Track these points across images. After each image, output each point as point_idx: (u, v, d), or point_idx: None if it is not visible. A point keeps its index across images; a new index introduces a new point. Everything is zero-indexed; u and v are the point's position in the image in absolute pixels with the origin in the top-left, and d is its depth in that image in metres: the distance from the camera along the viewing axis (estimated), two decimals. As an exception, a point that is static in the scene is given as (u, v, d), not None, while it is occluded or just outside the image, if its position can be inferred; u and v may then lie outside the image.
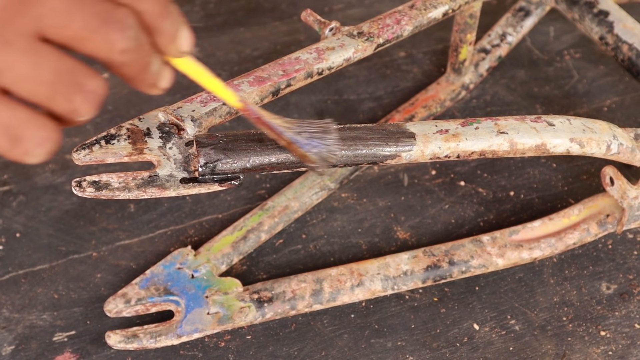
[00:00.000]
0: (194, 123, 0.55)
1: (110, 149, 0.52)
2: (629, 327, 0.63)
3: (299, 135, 0.49)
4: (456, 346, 0.61)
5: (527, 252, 0.65)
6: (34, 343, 0.60)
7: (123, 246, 0.67)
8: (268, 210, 0.68)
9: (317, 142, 0.49)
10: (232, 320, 0.60)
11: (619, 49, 0.72)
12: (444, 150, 0.54)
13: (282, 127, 0.49)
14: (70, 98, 0.38)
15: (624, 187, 0.63)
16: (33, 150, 0.39)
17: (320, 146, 0.49)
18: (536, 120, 0.57)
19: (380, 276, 0.63)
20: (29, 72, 0.37)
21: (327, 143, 0.50)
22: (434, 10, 0.67)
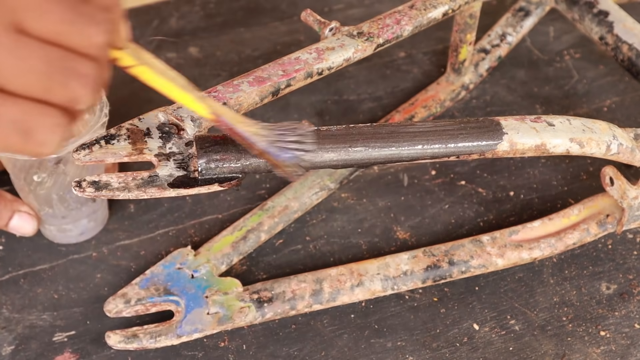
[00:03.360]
0: (193, 123, 0.55)
1: (110, 149, 0.52)
2: (629, 327, 0.63)
3: (272, 144, 0.48)
4: (456, 346, 0.61)
5: (526, 252, 0.65)
6: (33, 343, 0.60)
7: (123, 246, 0.67)
8: (268, 210, 0.68)
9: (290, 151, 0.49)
10: (232, 320, 0.60)
11: (619, 49, 0.72)
12: None
13: (255, 137, 0.48)
14: (66, 85, 0.38)
15: (623, 187, 0.63)
16: (47, 139, 0.39)
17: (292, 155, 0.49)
18: (536, 120, 0.57)
19: (380, 276, 0.63)
20: (18, 65, 0.37)
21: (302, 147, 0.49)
22: (434, 10, 0.67)
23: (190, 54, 0.85)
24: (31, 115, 0.38)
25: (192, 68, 0.84)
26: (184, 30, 0.88)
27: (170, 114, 0.55)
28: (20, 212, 0.63)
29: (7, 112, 0.37)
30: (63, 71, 0.38)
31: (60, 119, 0.39)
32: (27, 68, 0.37)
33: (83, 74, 0.38)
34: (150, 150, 0.53)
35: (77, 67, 0.38)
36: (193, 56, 0.85)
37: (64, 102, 0.39)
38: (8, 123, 0.37)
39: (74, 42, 0.38)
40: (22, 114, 0.38)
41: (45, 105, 0.38)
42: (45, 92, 0.38)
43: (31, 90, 0.37)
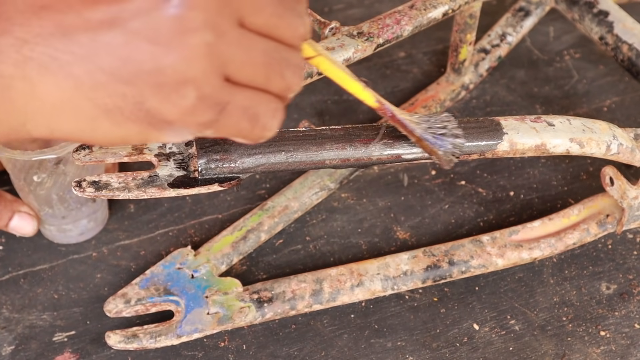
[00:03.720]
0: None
1: (110, 149, 0.53)
2: (629, 327, 0.63)
3: (427, 132, 0.51)
4: (456, 346, 0.61)
5: (526, 252, 0.65)
6: (33, 343, 0.60)
7: (123, 246, 0.67)
8: (268, 210, 0.68)
9: (444, 139, 0.52)
10: (232, 320, 0.60)
11: (619, 49, 0.72)
12: None
13: (414, 125, 0.51)
14: (283, 75, 0.41)
15: (623, 187, 0.63)
16: (269, 124, 0.42)
17: (447, 143, 0.52)
18: (536, 120, 0.57)
19: (380, 276, 0.63)
20: (246, 57, 0.39)
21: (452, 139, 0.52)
22: (434, 10, 0.67)
23: (190, 54, 0.85)
24: (258, 102, 0.41)
25: (192, 68, 0.84)
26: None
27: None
28: (20, 212, 0.63)
29: (238, 100, 0.40)
30: (279, 62, 0.41)
31: (279, 105, 0.42)
32: (252, 60, 0.39)
33: (294, 64, 0.42)
34: (150, 150, 0.53)
35: (289, 58, 0.41)
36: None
37: (280, 90, 0.41)
38: (239, 110, 0.40)
39: (285, 34, 0.41)
40: (251, 102, 0.40)
41: (266, 93, 0.41)
42: (266, 82, 0.41)
43: (256, 80, 0.40)
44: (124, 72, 0.37)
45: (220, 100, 0.39)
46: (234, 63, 0.39)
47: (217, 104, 0.39)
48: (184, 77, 0.37)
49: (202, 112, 0.39)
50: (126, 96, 0.38)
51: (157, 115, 0.38)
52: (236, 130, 0.41)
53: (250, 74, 0.40)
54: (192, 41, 0.37)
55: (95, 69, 0.37)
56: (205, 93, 0.38)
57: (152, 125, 0.39)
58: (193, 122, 0.39)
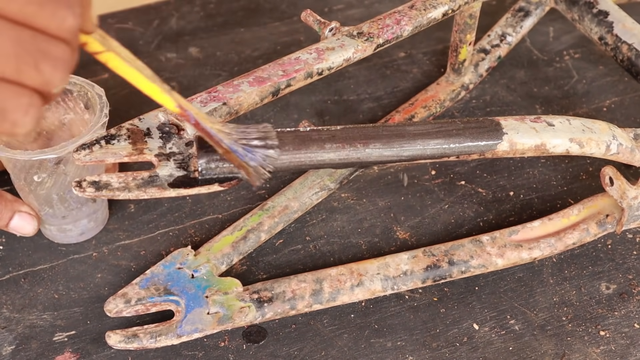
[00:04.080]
0: (194, 123, 0.55)
1: (111, 149, 0.53)
2: (629, 327, 0.63)
3: (237, 144, 0.48)
4: (456, 346, 0.61)
5: (526, 252, 0.65)
6: (34, 343, 0.61)
7: (123, 246, 0.67)
8: (268, 210, 0.68)
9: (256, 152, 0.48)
10: (232, 320, 0.60)
11: (619, 49, 0.72)
12: None
13: (221, 134, 0.48)
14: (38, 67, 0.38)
15: (623, 187, 0.63)
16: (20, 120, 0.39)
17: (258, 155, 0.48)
18: (536, 120, 0.57)
19: (380, 276, 0.63)
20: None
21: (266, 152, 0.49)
22: (434, 10, 0.67)
23: (190, 54, 0.86)
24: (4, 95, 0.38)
25: (192, 68, 0.84)
26: (184, 30, 0.88)
27: (170, 114, 0.55)
28: (20, 212, 0.63)
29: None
30: (34, 53, 0.38)
31: (33, 100, 0.39)
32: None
33: (54, 57, 0.38)
34: (150, 150, 0.53)
35: (49, 49, 0.38)
36: (193, 56, 0.85)
37: (36, 84, 0.38)
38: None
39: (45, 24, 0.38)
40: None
41: (18, 86, 0.38)
42: (17, 74, 0.38)
43: (3, 71, 0.37)
44: None
45: None
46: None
47: None
48: None
49: None
50: None
51: None
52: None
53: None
54: None
55: None
56: None
57: None
58: None
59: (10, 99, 0.38)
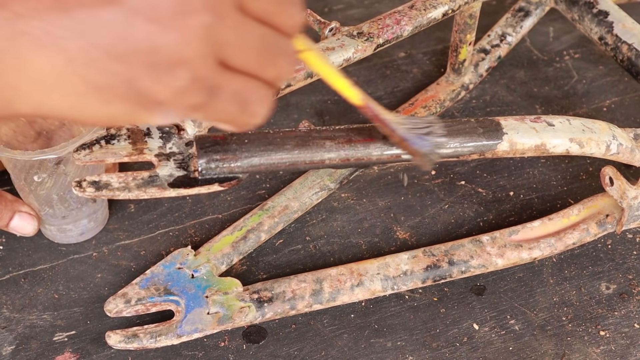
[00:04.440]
0: (194, 123, 0.55)
1: (111, 149, 0.53)
2: (629, 327, 0.63)
3: (410, 132, 0.51)
4: (456, 346, 0.61)
5: (526, 252, 0.65)
6: (34, 343, 0.61)
7: (123, 246, 0.67)
8: (268, 210, 0.68)
9: (426, 140, 0.52)
10: (232, 320, 0.60)
11: (619, 49, 0.72)
12: None
13: (396, 125, 0.51)
14: (276, 63, 0.41)
15: (623, 187, 0.63)
16: (258, 111, 0.41)
17: (428, 143, 0.52)
18: (536, 120, 0.57)
19: (380, 276, 0.63)
20: (242, 42, 0.39)
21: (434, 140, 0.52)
22: (434, 10, 0.67)
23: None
24: (249, 88, 0.40)
25: (192, 68, 0.84)
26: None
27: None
28: (20, 212, 0.63)
29: (230, 84, 0.39)
30: (274, 49, 0.40)
31: (270, 93, 0.41)
32: (248, 45, 0.39)
33: (287, 53, 0.41)
34: (150, 150, 0.53)
35: (283, 46, 0.41)
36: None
37: (271, 78, 0.41)
38: (230, 95, 0.40)
39: (281, 22, 0.40)
40: (242, 87, 0.40)
41: (258, 80, 0.41)
42: (260, 68, 0.40)
43: (250, 66, 0.40)
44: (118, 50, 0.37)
45: (212, 83, 0.39)
46: (230, 47, 0.39)
47: (209, 87, 0.39)
48: (178, 58, 0.37)
49: (193, 94, 0.38)
50: (118, 74, 0.37)
51: (148, 95, 0.38)
52: (225, 114, 0.41)
53: (245, 59, 0.39)
54: (190, 22, 0.37)
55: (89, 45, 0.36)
56: (198, 75, 0.38)
57: (141, 104, 0.38)
58: (183, 104, 0.39)
59: (252, 92, 0.41)
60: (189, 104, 0.39)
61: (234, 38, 0.38)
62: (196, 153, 0.51)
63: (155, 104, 0.38)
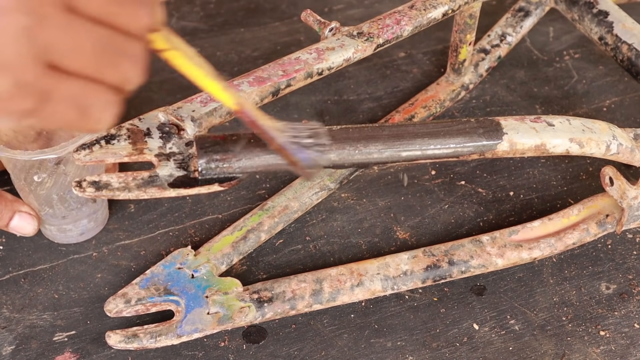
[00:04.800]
0: (194, 123, 0.55)
1: (111, 149, 0.53)
2: (629, 327, 0.63)
3: (291, 140, 0.49)
4: (456, 346, 0.61)
5: (526, 252, 0.65)
6: (34, 343, 0.61)
7: (123, 246, 0.67)
8: (268, 210, 0.68)
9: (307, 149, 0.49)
10: (232, 320, 0.60)
11: (619, 49, 0.72)
12: None
13: (275, 132, 0.49)
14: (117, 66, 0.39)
15: (623, 187, 0.63)
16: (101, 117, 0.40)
17: (310, 153, 0.50)
18: (536, 120, 0.57)
19: (380, 276, 0.63)
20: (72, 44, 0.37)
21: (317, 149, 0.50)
22: (434, 10, 0.67)
23: (190, 54, 0.85)
24: (86, 92, 0.39)
25: (192, 68, 0.84)
26: (184, 30, 0.88)
27: (170, 114, 0.55)
28: (20, 212, 0.63)
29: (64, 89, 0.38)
30: (114, 51, 0.38)
31: (113, 97, 0.40)
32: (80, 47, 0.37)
33: (132, 55, 0.39)
34: (150, 150, 0.53)
35: (127, 48, 0.39)
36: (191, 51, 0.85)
37: (115, 82, 0.39)
38: (66, 100, 0.38)
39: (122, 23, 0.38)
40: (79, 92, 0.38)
41: (98, 84, 0.39)
42: (98, 72, 0.38)
43: (85, 69, 0.38)
44: None
45: (41, 89, 0.37)
46: (59, 50, 0.37)
47: (38, 92, 0.37)
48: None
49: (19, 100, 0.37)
50: None
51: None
52: (63, 121, 0.39)
53: (79, 62, 0.38)
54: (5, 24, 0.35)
55: None
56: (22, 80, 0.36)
57: None
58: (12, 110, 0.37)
59: (92, 96, 0.39)
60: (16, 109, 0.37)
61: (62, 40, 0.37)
62: (196, 153, 0.51)
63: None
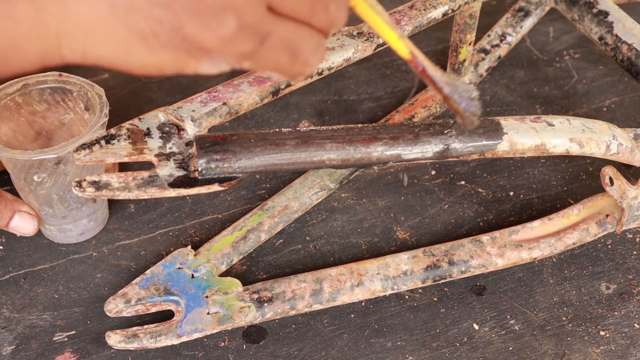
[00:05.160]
0: (194, 123, 0.55)
1: (111, 149, 0.53)
2: (629, 327, 0.63)
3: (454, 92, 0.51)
4: (456, 346, 0.61)
5: (526, 252, 0.65)
6: (34, 343, 0.61)
7: (123, 246, 0.67)
8: (268, 210, 0.68)
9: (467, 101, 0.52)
10: (232, 320, 0.60)
11: (619, 49, 0.72)
12: None
13: (443, 83, 0.51)
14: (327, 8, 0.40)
15: (623, 187, 0.63)
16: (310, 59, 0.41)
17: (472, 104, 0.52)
18: (536, 120, 0.57)
19: (380, 276, 0.63)
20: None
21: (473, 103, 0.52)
22: (434, 10, 0.67)
23: (190, 54, 0.85)
24: (299, 35, 0.39)
25: (192, 68, 0.83)
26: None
27: (170, 114, 0.55)
28: (20, 212, 0.63)
29: (279, 31, 0.38)
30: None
31: (321, 40, 0.40)
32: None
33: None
34: (150, 150, 0.53)
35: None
36: None
37: (323, 25, 0.40)
38: (279, 42, 0.39)
39: None
40: (293, 34, 0.39)
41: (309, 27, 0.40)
42: (310, 14, 0.39)
43: (300, 12, 0.39)
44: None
45: (261, 30, 0.38)
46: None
47: (258, 34, 0.38)
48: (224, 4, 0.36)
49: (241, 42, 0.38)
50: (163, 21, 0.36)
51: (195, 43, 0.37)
52: (275, 63, 0.40)
53: (294, 5, 0.38)
54: None
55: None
56: (246, 21, 0.37)
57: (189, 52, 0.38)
58: (232, 52, 0.38)
59: (304, 39, 0.40)
60: (237, 51, 0.38)
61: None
62: (196, 153, 0.51)
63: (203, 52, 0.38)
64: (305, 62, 0.40)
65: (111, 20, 0.36)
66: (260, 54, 0.39)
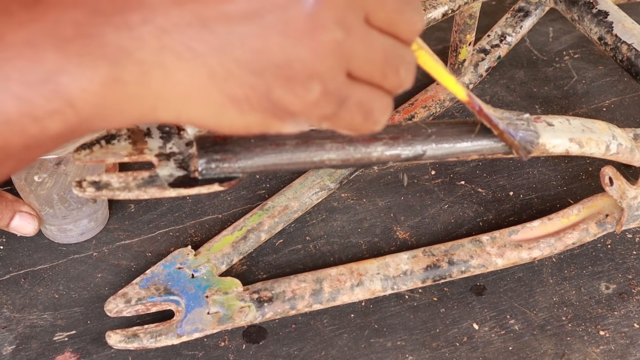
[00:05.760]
0: (194, 123, 0.55)
1: (111, 149, 0.53)
2: (628, 327, 0.63)
3: (508, 125, 0.54)
4: (455, 346, 0.61)
5: (526, 252, 0.65)
6: (34, 343, 0.61)
7: (123, 246, 0.67)
8: (268, 210, 0.68)
9: (522, 132, 0.54)
10: (232, 320, 0.60)
11: (618, 49, 0.72)
12: None
13: (497, 119, 0.54)
14: (398, 72, 0.42)
15: (623, 187, 0.63)
16: (380, 119, 0.43)
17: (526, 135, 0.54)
18: (535, 120, 0.57)
19: (380, 276, 0.63)
20: (367, 54, 0.40)
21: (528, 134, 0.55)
22: (434, 10, 0.67)
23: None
24: (372, 97, 0.42)
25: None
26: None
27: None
28: (21, 212, 0.63)
29: (356, 95, 0.41)
30: (396, 59, 0.41)
31: (390, 101, 0.43)
32: (372, 56, 0.40)
33: (408, 61, 0.42)
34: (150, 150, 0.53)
35: (404, 55, 0.42)
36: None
37: (393, 87, 0.42)
38: (355, 104, 0.41)
39: (402, 30, 0.41)
40: (367, 97, 0.41)
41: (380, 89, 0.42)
42: (382, 78, 0.41)
43: (374, 76, 0.41)
44: (256, 64, 0.38)
45: (341, 95, 0.40)
46: (357, 59, 0.40)
47: (339, 98, 0.40)
48: (311, 72, 0.38)
49: (324, 106, 0.40)
50: (255, 87, 0.38)
51: (282, 107, 0.39)
52: (350, 124, 0.42)
53: (370, 70, 0.41)
54: (322, 37, 0.38)
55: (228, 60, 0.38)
56: (329, 87, 0.39)
57: (275, 115, 0.40)
58: (315, 115, 0.40)
59: (376, 101, 0.42)
60: (319, 114, 0.40)
61: (361, 50, 0.40)
62: (196, 153, 0.51)
63: (288, 114, 0.40)
64: (375, 122, 0.43)
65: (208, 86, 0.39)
66: (338, 115, 0.41)
